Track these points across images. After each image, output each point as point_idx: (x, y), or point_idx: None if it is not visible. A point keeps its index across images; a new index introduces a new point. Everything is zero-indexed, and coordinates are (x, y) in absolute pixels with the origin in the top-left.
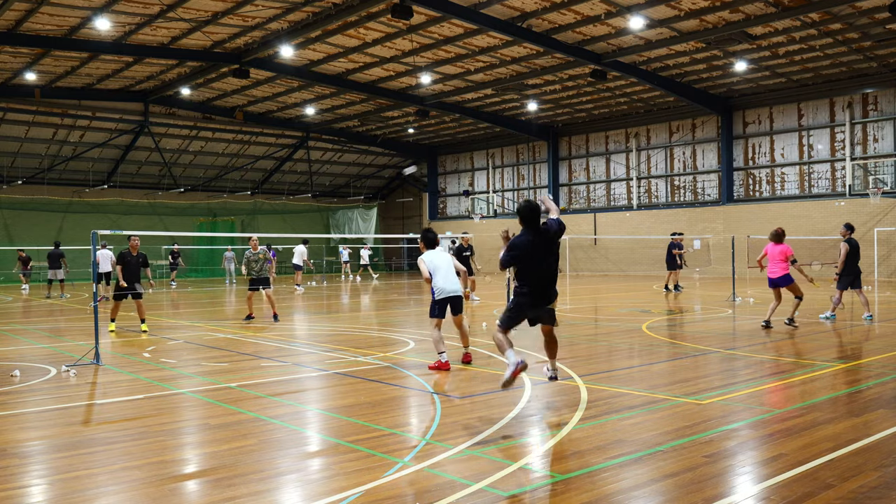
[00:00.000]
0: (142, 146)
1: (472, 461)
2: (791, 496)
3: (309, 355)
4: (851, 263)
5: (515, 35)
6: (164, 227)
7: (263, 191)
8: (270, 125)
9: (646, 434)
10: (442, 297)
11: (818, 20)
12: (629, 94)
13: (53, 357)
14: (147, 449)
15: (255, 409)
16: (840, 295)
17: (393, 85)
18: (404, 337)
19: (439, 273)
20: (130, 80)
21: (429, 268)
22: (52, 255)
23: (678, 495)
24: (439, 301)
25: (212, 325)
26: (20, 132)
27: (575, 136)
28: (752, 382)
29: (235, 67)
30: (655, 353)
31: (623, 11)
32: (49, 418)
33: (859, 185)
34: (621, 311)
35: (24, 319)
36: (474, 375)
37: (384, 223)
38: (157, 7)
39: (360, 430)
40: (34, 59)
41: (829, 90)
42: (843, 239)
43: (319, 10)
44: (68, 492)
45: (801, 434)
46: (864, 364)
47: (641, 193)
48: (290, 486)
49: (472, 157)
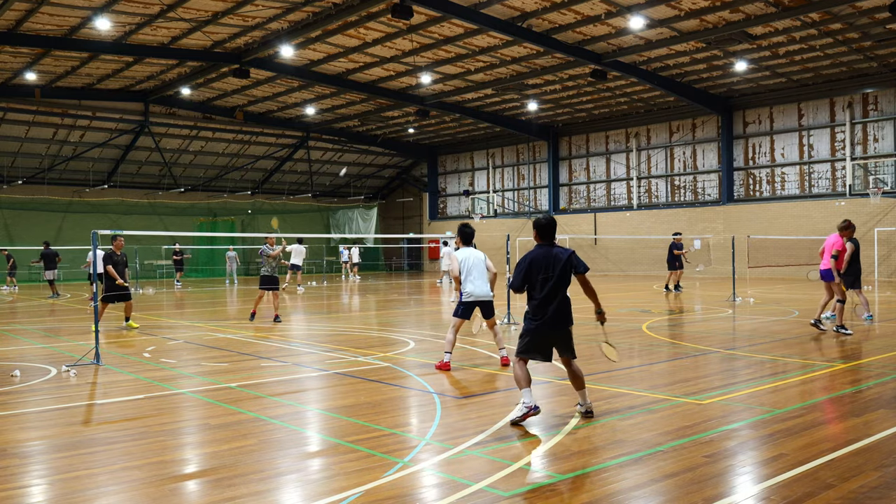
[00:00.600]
0: (142, 146)
1: (472, 461)
2: (791, 496)
3: (309, 355)
4: (854, 263)
5: (515, 35)
6: (164, 227)
7: (263, 191)
8: (270, 125)
9: (646, 434)
10: (470, 301)
11: (818, 20)
12: (629, 94)
13: (53, 357)
14: (147, 449)
15: (255, 409)
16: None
17: (393, 85)
18: (404, 337)
19: (471, 275)
20: (130, 80)
21: (461, 266)
22: (46, 256)
23: (678, 495)
24: (467, 303)
25: (212, 326)
26: (20, 132)
27: (575, 136)
28: (752, 382)
29: (235, 67)
30: (655, 353)
31: (623, 11)
32: (49, 418)
33: (859, 185)
34: (621, 311)
35: (25, 319)
36: (474, 376)
37: (384, 223)
38: (157, 7)
39: (360, 430)
40: (34, 59)
41: (830, 90)
42: (848, 238)
43: (319, 10)
44: (68, 492)
45: (801, 434)
46: (864, 364)
47: (641, 193)
48: (290, 486)
49: (473, 157)
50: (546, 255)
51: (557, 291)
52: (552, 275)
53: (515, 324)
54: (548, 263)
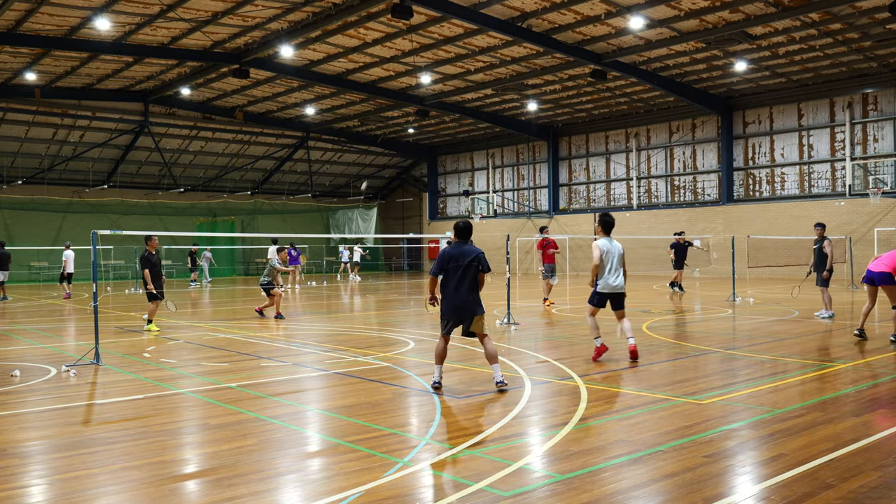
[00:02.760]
0: (142, 146)
1: (472, 461)
2: (791, 496)
3: (309, 355)
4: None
5: (515, 35)
6: (164, 227)
7: (263, 191)
8: (270, 125)
9: (646, 434)
10: (604, 292)
11: (818, 20)
12: (629, 94)
13: (53, 357)
14: (147, 449)
15: (255, 409)
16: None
17: (393, 85)
18: (404, 337)
19: (608, 266)
20: (130, 80)
21: (602, 256)
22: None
23: (678, 495)
24: (600, 294)
25: (211, 325)
26: (20, 132)
27: (575, 136)
28: (752, 382)
29: (235, 67)
30: (655, 353)
31: (623, 11)
32: (49, 418)
33: (859, 185)
34: None
35: (24, 319)
36: (474, 376)
37: (384, 223)
38: (157, 7)
39: (360, 430)
40: (34, 59)
41: (829, 90)
42: (825, 238)
43: (319, 10)
44: (68, 492)
45: (801, 434)
46: (864, 364)
47: (641, 193)
48: (290, 486)
49: (472, 157)
50: (460, 251)
51: (463, 280)
52: (461, 265)
53: (516, 324)
54: (460, 256)
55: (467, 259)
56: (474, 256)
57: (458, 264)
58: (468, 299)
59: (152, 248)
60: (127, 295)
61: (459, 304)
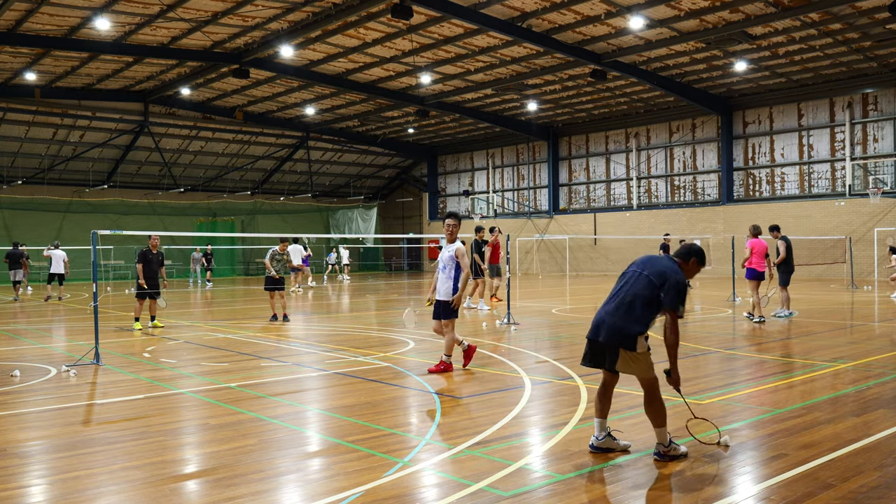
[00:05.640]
0: (142, 146)
1: (472, 461)
2: (791, 496)
3: (309, 355)
4: (790, 260)
5: (515, 35)
6: (164, 227)
7: (263, 191)
8: (270, 125)
9: (646, 434)
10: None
11: (818, 20)
12: (629, 94)
13: (53, 357)
14: (147, 449)
15: (255, 409)
16: (786, 291)
17: (393, 85)
18: (404, 337)
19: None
20: (130, 80)
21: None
22: (12, 255)
23: (678, 495)
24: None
25: (211, 325)
26: (20, 132)
27: (575, 136)
28: (752, 382)
29: (235, 67)
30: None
31: (623, 11)
32: (49, 418)
33: (859, 185)
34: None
35: (24, 319)
36: (474, 376)
37: (384, 223)
38: (157, 7)
39: (360, 430)
40: (34, 59)
41: (829, 90)
42: (779, 237)
43: (319, 10)
44: (68, 492)
45: (801, 434)
46: (864, 364)
47: (641, 193)
48: (290, 486)
49: (472, 157)
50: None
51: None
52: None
53: (516, 324)
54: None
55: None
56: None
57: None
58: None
59: (153, 248)
60: (127, 295)
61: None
